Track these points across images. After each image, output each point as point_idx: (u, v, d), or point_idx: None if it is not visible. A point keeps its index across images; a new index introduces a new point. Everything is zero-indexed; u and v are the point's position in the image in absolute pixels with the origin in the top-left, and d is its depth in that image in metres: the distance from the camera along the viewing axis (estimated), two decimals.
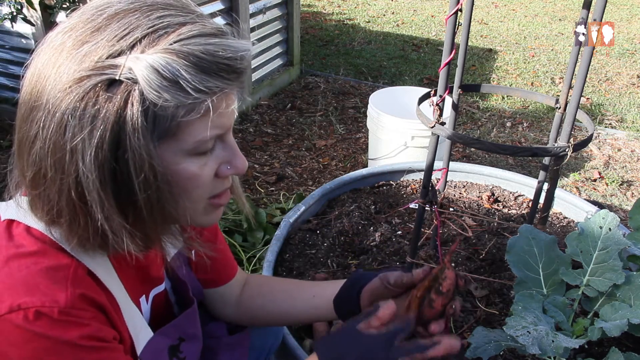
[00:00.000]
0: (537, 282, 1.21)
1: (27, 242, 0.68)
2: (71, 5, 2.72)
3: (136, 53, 0.59)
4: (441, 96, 1.30)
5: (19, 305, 0.63)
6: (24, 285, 0.64)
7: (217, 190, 0.74)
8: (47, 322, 0.63)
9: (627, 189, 2.97)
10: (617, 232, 1.20)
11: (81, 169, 0.61)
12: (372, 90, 3.53)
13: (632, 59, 5.09)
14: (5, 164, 2.91)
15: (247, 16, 3.39)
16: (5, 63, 3.25)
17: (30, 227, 0.69)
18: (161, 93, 0.60)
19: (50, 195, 0.64)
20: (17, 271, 0.65)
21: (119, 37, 0.60)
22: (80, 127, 0.59)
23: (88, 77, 0.59)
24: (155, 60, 0.59)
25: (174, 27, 0.61)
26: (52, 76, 0.60)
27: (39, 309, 0.63)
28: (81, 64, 0.59)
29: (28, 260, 0.66)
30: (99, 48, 0.59)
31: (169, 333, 0.86)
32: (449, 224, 1.89)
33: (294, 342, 1.29)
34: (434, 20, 6.23)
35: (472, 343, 1.06)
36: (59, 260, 0.68)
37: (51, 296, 0.64)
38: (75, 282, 0.67)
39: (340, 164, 3.09)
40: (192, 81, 0.60)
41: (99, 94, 0.59)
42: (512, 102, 4.01)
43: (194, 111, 0.63)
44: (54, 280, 0.66)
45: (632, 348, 1.37)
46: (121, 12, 0.62)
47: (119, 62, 0.59)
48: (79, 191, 0.62)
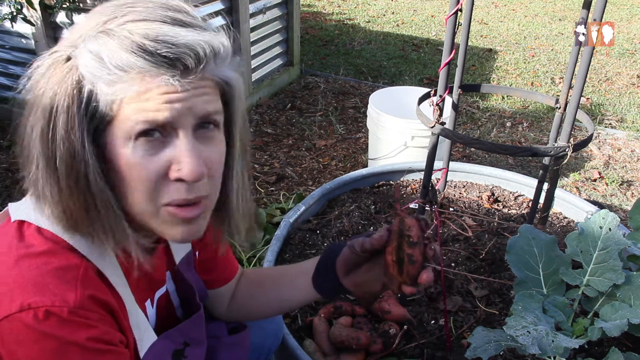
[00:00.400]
0: (537, 282, 1.21)
1: (37, 242, 0.68)
2: (71, 5, 2.72)
3: (90, 34, 0.65)
4: (441, 96, 1.30)
5: (29, 304, 0.63)
6: (34, 285, 0.65)
7: (170, 195, 0.69)
8: (56, 321, 0.64)
9: (627, 189, 2.97)
10: (617, 232, 1.20)
11: (32, 137, 0.67)
12: (372, 90, 3.53)
13: (632, 59, 5.09)
14: (5, 164, 2.91)
15: (247, 16, 3.39)
16: (5, 63, 3.25)
17: (41, 227, 0.70)
18: (88, 66, 0.64)
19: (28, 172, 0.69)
20: (28, 271, 0.66)
21: (89, 22, 0.67)
22: (33, 90, 0.67)
23: (57, 56, 0.67)
24: (93, 38, 0.65)
25: (129, 13, 0.66)
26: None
27: (49, 309, 0.63)
28: (60, 45, 0.68)
29: (38, 260, 0.67)
30: (75, 33, 0.67)
31: (173, 337, 0.86)
32: (449, 224, 1.89)
33: (294, 342, 1.29)
34: (434, 20, 6.23)
35: (472, 343, 1.06)
36: (69, 260, 0.68)
37: (61, 296, 0.65)
38: (85, 282, 0.68)
39: (340, 164, 3.09)
40: (112, 57, 0.63)
41: (56, 67, 0.66)
42: (512, 102, 4.01)
43: (120, 90, 0.64)
44: (63, 280, 0.66)
45: (632, 348, 1.37)
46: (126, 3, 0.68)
47: (77, 43, 0.66)
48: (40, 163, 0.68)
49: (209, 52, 0.66)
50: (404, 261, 0.82)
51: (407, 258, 0.82)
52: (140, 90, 0.64)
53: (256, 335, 1.17)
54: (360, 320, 1.44)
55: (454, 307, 1.54)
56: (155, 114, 0.65)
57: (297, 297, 1.02)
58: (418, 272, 0.82)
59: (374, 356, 1.37)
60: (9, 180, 2.78)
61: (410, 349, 1.41)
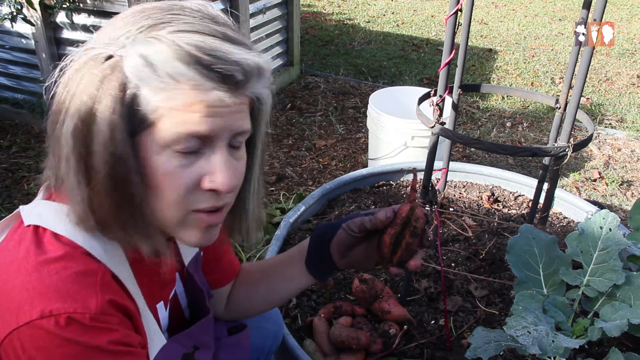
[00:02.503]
0: (537, 282, 1.21)
1: (54, 248, 0.68)
2: (71, 5, 2.72)
3: (134, 39, 0.65)
4: (441, 96, 1.30)
5: (51, 311, 0.63)
6: (55, 291, 0.64)
7: (200, 203, 0.71)
8: (78, 328, 0.64)
9: (627, 189, 2.97)
10: (617, 232, 1.20)
11: (62, 132, 0.67)
12: (372, 90, 3.53)
13: (632, 59, 5.09)
14: (5, 164, 2.91)
15: (247, 16, 3.39)
16: (5, 63, 3.25)
17: (57, 233, 0.70)
18: (136, 69, 0.64)
19: (57, 170, 0.69)
20: (48, 277, 0.65)
21: (133, 23, 0.66)
22: (71, 93, 0.66)
23: (95, 53, 0.66)
24: (142, 41, 0.64)
25: (178, 21, 0.66)
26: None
27: (71, 315, 0.64)
28: (97, 42, 0.67)
29: (58, 265, 0.67)
30: (115, 31, 0.67)
31: (183, 341, 0.86)
32: (449, 224, 1.89)
33: (294, 342, 1.29)
34: (434, 20, 6.23)
35: (472, 343, 1.06)
36: (87, 265, 0.68)
37: (82, 302, 0.65)
38: (104, 287, 0.68)
39: (340, 164, 3.09)
40: (165, 65, 0.63)
41: (95, 65, 0.65)
42: (512, 102, 4.01)
43: (167, 98, 0.65)
44: (83, 286, 0.66)
45: (632, 348, 1.37)
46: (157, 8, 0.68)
47: (122, 43, 0.65)
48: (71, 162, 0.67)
49: (255, 71, 0.67)
50: (400, 246, 0.84)
51: (405, 245, 0.84)
52: (187, 101, 0.64)
53: (256, 336, 1.17)
54: (360, 320, 1.44)
55: (454, 307, 1.54)
56: (198, 127, 0.66)
57: (291, 287, 1.03)
58: (410, 258, 0.86)
59: (374, 356, 1.37)
60: (9, 180, 2.78)
61: (410, 349, 1.41)
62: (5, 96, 3.35)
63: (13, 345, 0.64)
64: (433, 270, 1.66)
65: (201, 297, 0.95)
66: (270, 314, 1.29)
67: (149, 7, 0.68)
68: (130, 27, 0.66)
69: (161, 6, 0.68)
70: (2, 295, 0.66)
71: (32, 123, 3.27)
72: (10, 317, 0.64)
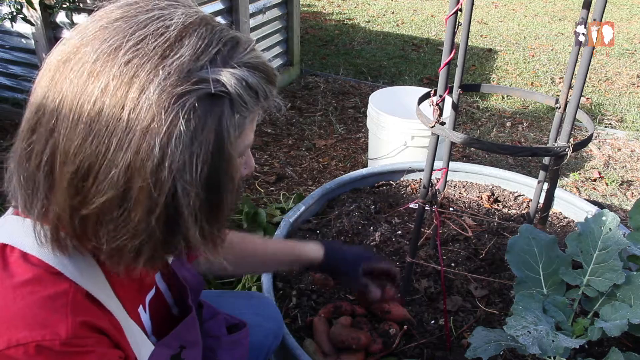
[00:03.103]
0: (537, 282, 1.21)
1: (22, 270, 0.64)
2: (71, 5, 2.72)
3: (217, 67, 0.60)
4: (441, 96, 1.30)
5: (18, 340, 0.60)
6: (21, 319, 0.61)
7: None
8: (49, 355, 0.61)
9: (627, 189, 2.97)
10: (617, 232, 1.20)
11: (181, 185, 0.59)
12: (372, 90, 3.53)
13: (632, 59, 5.09)
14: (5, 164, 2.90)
15: (247, 16, 3.39)
16: (5, 63, 3.25)
17: (26, 252, 0.65)
18: (247, 103, 0.62)
19: (124, 218, 0.60)
20: (13, 303, 0.62)
21: (199, 52, 0.59)
22: (180, 143, 0.57)
23: (182, 92, 0.57)
24: (239, 73, 0.61)
25: (234, 41, 0.63)
26: (123, 95, 0.57)
27: (40, 343, 0.60)
28: (166, 80, 0.57)
29: (24, 290, 0.63)
30: (183, 64, 0.58)
31: (170, 343, 0.85)
32: (449, 224, 1.89)
33: (294, 342, 1.29)
34: (434, 20, 6.23)
35: (472, 343, 1.06)
36: (56, 287, 0.65)
37: (51, 328, 0.61)
38: (75, 309, 0.65)
39: (340, 164, 3.09)
40: (264, 90, 0.64)
41: (197, 108, 0.58)
42: (512, 102, 4.01)
43: (252, 119, 0.66)
44: (52, 310, 0.63)
45: (632, 348, 1.37)
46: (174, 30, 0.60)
47: (206, 76, 0.59)
48: (170, 210, 0.61)
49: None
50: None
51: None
52: (256, 119, 0.68)
53: (256, 335, 1.17)
54: (360, 320, 1.44)
55: (454, 307, 1.54)
56: (252, 136, 0.70)
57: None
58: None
59: (374, 356, 1.37)
60: None
61: (410, 349, 1.41)
62: (5, 96, 3.35)
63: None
64: (433, 270, 1.66)
65: (184, 294, 0.93)
66: (270, 313, 1.29)
67: (202, 33, 0.62)
68: (201, 56, 0.60)
69: (206, 28, 0.63)
70: None
71: None
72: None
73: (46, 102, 0.59)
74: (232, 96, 0.60)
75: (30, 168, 0.62)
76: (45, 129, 0.60)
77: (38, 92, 0.61)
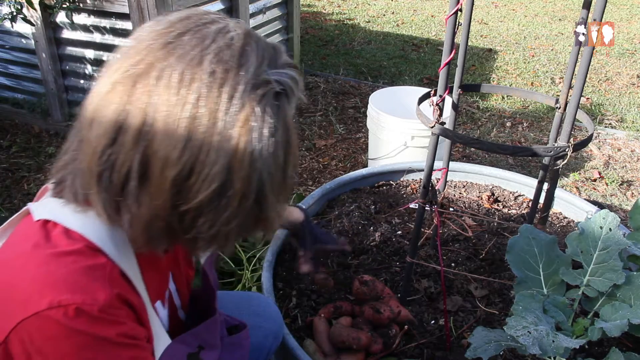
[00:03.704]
0: (537, 282, 1.21)
1: (64, 243, 0.69)
2: (71, 5, 2.72)
3: (272, 69, 0.69)
4: (441, 96, 1.30)
5: (59, 302, 0.64)
6: (64, 283, 0.65)
7: None
8: (86, 319, 0.65)
9: (627, 189, 2.97)
10: (617, 232, 1.20)
11: (266, 171, 0.68)
12: (372, 90, 3.53)
13: (632, 59, 5.09)
14: (5, 164, 2.91)
15: (247, 16, 3.39)
16: (5, 63, 3.25)
17: (68, 229, 0.70)
18: (295, 95, 0.71)
19: (223, 208, 0.68)
20: (57, 269, 0.66)
21: (260, 58, 0.69)
22: (268, 136, 0.67)
23: (261, 94, 0.67)
24: (289, 73, 0.70)
25: (274, 47, 0.73)
26: (209, 105, 0.64)
27: (80, 306, 0.64)
28: (247, 85, 0.66)
29: (67, 258, 0.68)
30: (254, 70, 0.67)
31: (188, 341, 0.87)
32: (449, 224, 1.89)
33: (294, 342, 1.29)
34: (434, 20, 6.23)
35: (472, 343, 1.06)
36: (96, 260, 0.70)
37: (91, 294, 0.66)
38: (112, 282, 0.69)
39: (340, 164, 3.09)
40: (299, 83, 0.72)
41: (272, 105, 0.68)
42: (512, 102, 4.01)
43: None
44: (93, 279, 0.67)
45: (632, 348, 1.37)
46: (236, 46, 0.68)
47: (269, 78, 0.68)
48: (259, 195, 0.69)
49: None
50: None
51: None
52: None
53: (256, 335, 1.17)
54: (361, 320, 1.44)
55: (454, 307, 1.54)
56: None
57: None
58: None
59: (374, 356, 1.37)
60: (9, 180, 2.78)
61: (410, 349, 1.41)
62: (5, 96, 3.35)
63: (20, 338, 0.64)
64: (433, 270, 1.66)
65: (212, 295, 0.97)
66: (270, 314, 1.29)
67: (251, 53, 0.69)
68: (262, 65, 0.68)
69: (250, 43, 0.70)
70: (10, 288, 0.66)
71: (32, 123, 3.27)
72: (17, 309, 0.64)
73: (127, 115, 0.65)
74: (287, 92, 0.70)
75: (115, 175, 0.66)
76: (132, 140, 0.65)
77: (110, 108, 0.66)
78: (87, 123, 0.68)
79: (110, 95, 0.66)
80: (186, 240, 0.72)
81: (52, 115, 3.19)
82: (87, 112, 0.69)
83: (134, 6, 2.59)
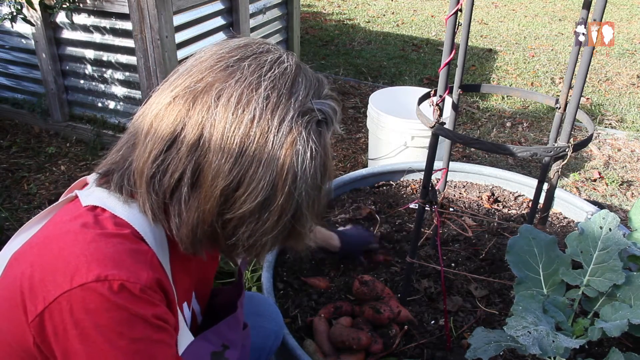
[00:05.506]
0: (537, 282, 1.21)
1: (111, 227, 0.74)
2: (71, 5, 2.72)
3: (316, 99, 0.77)
4: (441, 96, 1.30)
5: (106, 276, 0.67)
6: (111, 260, 0.69)
7: None
8: (128, 295, 0.68)
9: (627, 189, 2.97)
10: (617, 232, 1.20)
11: (305, 190, 0.75)
12: (372, 90, 3.53)
13: (632, 59, 5.09)
14: (5, 164, 2.91)
15: (247, 16, 3.39)
16: (5, 63, 3.25)
17: (116, 215, 0.75)
18: (333, 124, 0.79)
19: (265, 220, 0.75)
20: (105, 247, 0.71)
21: (308, 88, 0.77)
22: (311, 158, 0.74)
23: (307, 120, 0.74)
24: (330, 104, 0.79)
25: (319, 79, 0.81)
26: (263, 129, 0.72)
27: (124, 283, 0.68)
28: (296, 111, 0.74)
29: (115, 239, 0.72)
30: (302, 99, 0.75)
31: (210, 339, 0.89)
32: (449, 224, 1.89)
33: (294, 342, 1.29)
34: (434, 20, 6.23)
35: (472, 343, 1.06)
36: (140, 246, 0.75)
37: (135, 273, 0.70)
38: (153, 267, 0.74)
39: (340, 164, 3.09)
40: (338, 114, 0.80)
41: (315, 131, 0.76)
42: (512, 102, 4.01)
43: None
44: (137, 260, 0.72)
45: (632, 348, 1.37)
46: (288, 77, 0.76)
47: (313, 107, 0.75)
48: (297, 211, 0.77)
49: None
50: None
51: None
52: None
53: (257, 336, 1.17)
54: (361, 320, 1.44)
55: (454, 307, 1.54)
56: None
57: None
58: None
59: (374, 356, 1.37)
60: (9, 180, 2.78)
61: (410, 349, 1.41)
62: (5, 96, 3.35)
63: (60, 308, 0.67)
64: (433, 270, 1.66)
65: (240, 294, 1.03)
66: (270, 314, 1.29)
67: (299, 85, 0.77)
68: (308, 95, 0.76)
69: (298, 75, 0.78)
70: (56, 260, 0.69)
71: (32, 123, 3.27)
72: (63, 280, 0.67)
73: (185, 127, 0.72)
74: (328, 120, 0.78)
75: (165, 180, 0.73)
76: (188, 150, 0.71)
77: (169, 117, 0.73)
78: (144, 129, 0.75)
79: (170, 107, 0.73)
80: (226, 246, 0.78)
81: (52, 116, 3.20)
82: (146, 119, 0.75)
83: (134, 6, 2.58)
